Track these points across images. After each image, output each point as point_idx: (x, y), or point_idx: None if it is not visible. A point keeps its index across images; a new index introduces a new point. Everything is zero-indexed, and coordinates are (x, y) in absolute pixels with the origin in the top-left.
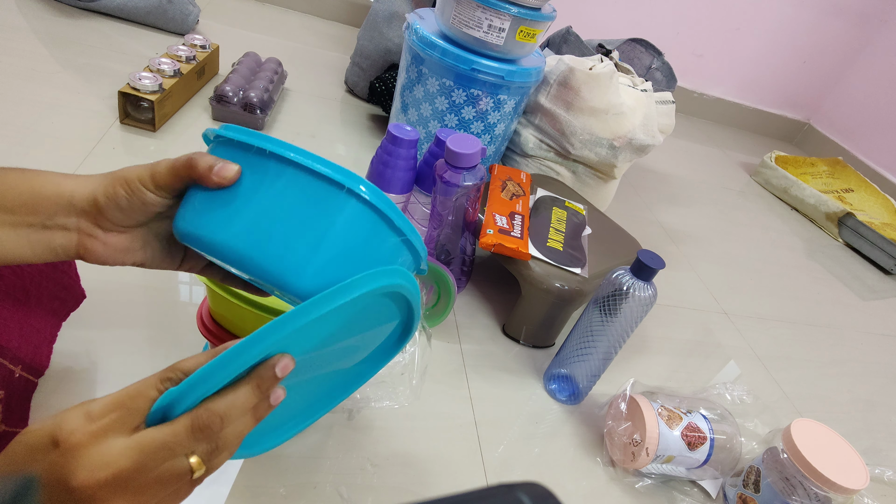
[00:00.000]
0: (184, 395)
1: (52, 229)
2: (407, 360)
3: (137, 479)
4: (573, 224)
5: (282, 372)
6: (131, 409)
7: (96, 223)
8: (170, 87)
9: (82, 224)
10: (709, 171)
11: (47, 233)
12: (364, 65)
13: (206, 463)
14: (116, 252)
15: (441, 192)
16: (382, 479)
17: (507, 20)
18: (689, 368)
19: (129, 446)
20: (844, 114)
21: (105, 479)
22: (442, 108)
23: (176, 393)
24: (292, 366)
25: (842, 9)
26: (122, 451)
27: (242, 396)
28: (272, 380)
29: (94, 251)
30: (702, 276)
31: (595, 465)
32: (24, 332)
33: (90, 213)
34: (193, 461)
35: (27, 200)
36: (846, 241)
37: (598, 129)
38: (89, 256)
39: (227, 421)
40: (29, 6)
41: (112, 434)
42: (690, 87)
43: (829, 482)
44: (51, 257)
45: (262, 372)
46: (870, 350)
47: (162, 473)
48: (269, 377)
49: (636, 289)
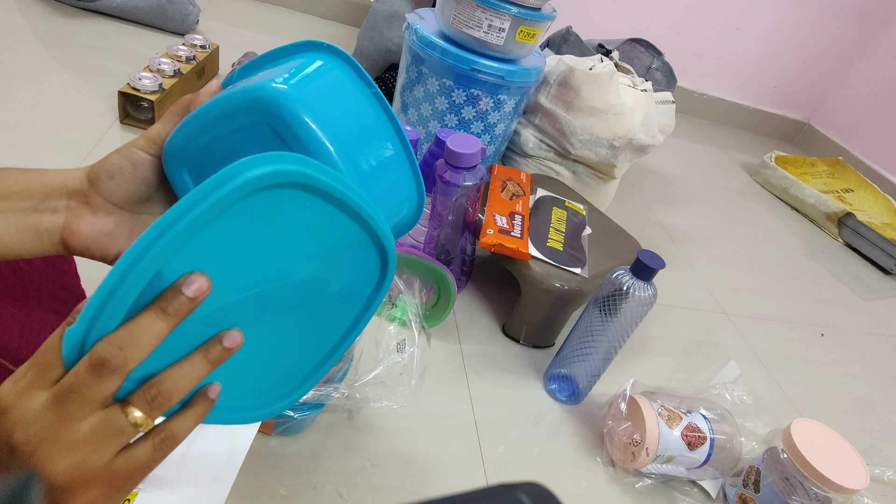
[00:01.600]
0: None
1: (40, 212)
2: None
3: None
4: (573, 224)
5: (192, 291)
6: (43, 363)
7: (86, 201)
8: (170, 87)
9: (71, 204)
10: (709, 171)
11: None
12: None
13: (150, 412)
14: (101, 236)
15: (441, 192)
16: (382, 479)
17: (507, 20)
18: (689, 368)
19: (46, 397)
20: (844, 114)
21: (36, 434)
22: (442, 108)
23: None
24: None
25: (842, 9)
26: (42, 403)
27: (144, 322)
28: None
29: (79, 232)
30: (702, 276)
31: (595, 465)
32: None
33: (80, 191)
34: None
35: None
36: (846, 241)
37: (598, 129)
38: (73, 239)
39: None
40: (29, 6)
41: (34, 390)
42: (690, 87)
43: (829, 482)
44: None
45: (164, 294)
46: (870, 350)
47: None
48: (172, 298)
49: (636, 289)
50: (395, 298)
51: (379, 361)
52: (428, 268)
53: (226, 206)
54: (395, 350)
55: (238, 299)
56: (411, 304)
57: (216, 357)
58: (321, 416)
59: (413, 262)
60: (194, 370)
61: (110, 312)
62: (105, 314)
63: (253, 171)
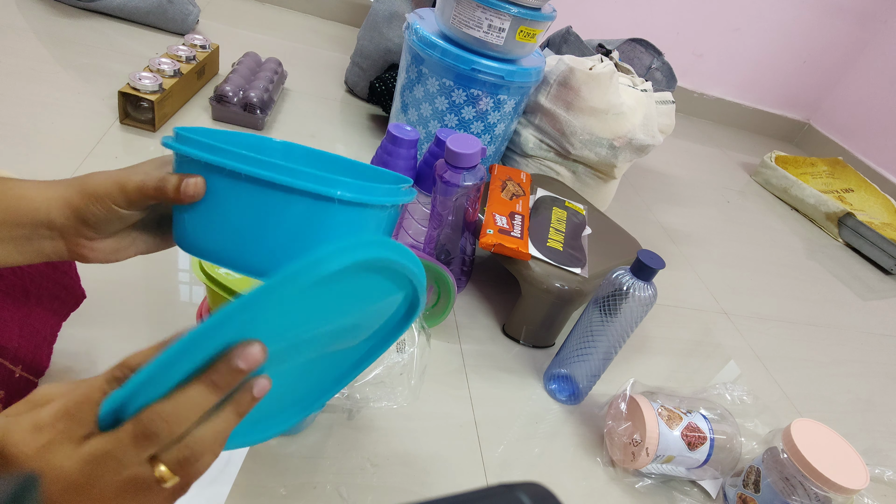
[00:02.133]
0: (131, 398)
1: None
2: (406, 360)
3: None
4: (573, 224)
5: (247, 364)
6: (77, 417)
7: (78, 234)
8: (170, 87)
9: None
10: (709, 171)
11: (34, 243)
12: (364, 65)
13: (179, 470)
14: (107, 254)
15: (441, 192)
16: (382, 479)
17: (507, 20)
18: (689, 368)
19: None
20: (844, 114)
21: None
22: (442, 108)
23: (121, 396)
24: (262, 356)
25: (842, 9)
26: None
27: (195, 397)
28: (233, 374)
29: (86, 256)
30: (702, 276)
31: (595, 465)
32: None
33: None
34: (162, 470)
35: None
36: (846, 241)
37: (598, 129)
38: (84, 260)
39: (176, 424)
40: (29, 6)
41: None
42: (690, 87)
43: (829, 482)
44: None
45: (218, 366)
46: (870, 350)
47: (122, 483)
48: (226, 371)
49: (636, 289)
50: None
51: (378, 361)
52: (428, 268)
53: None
54: (394, 350)
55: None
56: None
57: (246, 408)
58: (321, 416)
59: None
60: (226, 426)
61: (162, 384)
62: (156, 386)
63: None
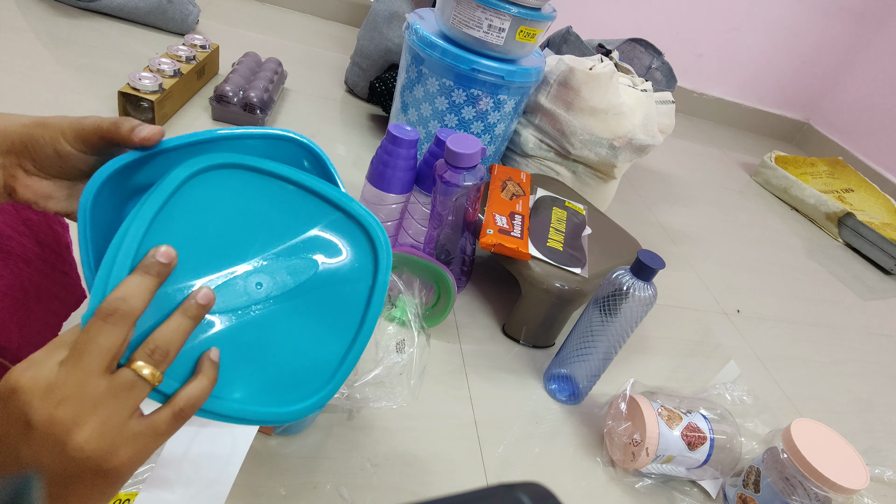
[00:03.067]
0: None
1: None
2: (405, 360)
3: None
4: (573, 224)
5: (164, 256)
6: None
7: (18, 164)
8: (170, 87)
9: (7, 161)
10: (709, 171)
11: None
12: (364, 65)
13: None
14: (38, 197)
15: (441, 192)
16: (382, 479)
17: (507, 20)
18: (689, 368)
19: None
20: (844, 114)
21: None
22: (442, 108)
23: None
24: (173, 251)
25: (841, 9)
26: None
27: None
28: (153, 263)
29: (16, 190)
30: (702, 276)
31: (595, 465)
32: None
33: (14, 151)
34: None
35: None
36: (846, 241)
37: (598, 129)
38: (16, 196)
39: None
40: (29, 6)
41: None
42: (690, 87)
43: (829, 482)
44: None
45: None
46: (870, 350)
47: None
48: (148, 261)
49: (636, 289)
50: (394, 298)
51: (378, 362)
52: (428, 268)
53: (174, 188)
54: (394, 350)
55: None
56: (411, 304)
57: (195, 312)
58: (321, 416)
59: (413, 262)
60: (179, 325)
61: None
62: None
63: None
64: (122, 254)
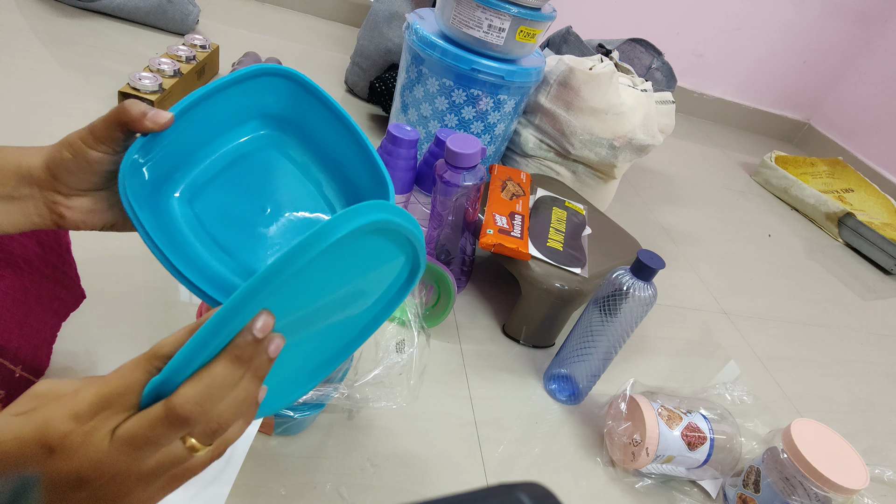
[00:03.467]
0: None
1: (21, 200)
2: (405, 360)
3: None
4: (573, 224)
5: (263, 332)
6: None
7: (54, 189)
8: (170, 87)
9: (45, 193)
10: (709, 171)
11: (18, 203)
12: (364, 65)
13: (209, 441)
14: (84, 214)
15: (441, 192)
16: (382, 479)
17: (507, 20)
18: (689, 368)
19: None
20: (844, 114)
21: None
22: (442, 108)
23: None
24: (272, 322)
25: (842, 9)
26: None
27: (221, 374)
28: (252, 345)
29: (64, 216)
30: (702, 276)
31: (595, 465)
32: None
33: (46, 180)
34: (193, 443)
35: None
36: (846, 241)
37: (598, 129)
38: (64, 222)
39: (208, 405)
40: (29, 6)
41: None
42: (690, 87)
43: (829, 482)
44: (30, 226)
45: (237, 342)
46: (870, 350)
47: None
48: (246, 345)
49: (636, 289)
50: None
51: (378, 362)
52: (428, 268)
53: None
54: (394, 350)
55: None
56: (411, 305)
57: (264, 371)
58: (321, 416)
59: None
60: (248, 392)
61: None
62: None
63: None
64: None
